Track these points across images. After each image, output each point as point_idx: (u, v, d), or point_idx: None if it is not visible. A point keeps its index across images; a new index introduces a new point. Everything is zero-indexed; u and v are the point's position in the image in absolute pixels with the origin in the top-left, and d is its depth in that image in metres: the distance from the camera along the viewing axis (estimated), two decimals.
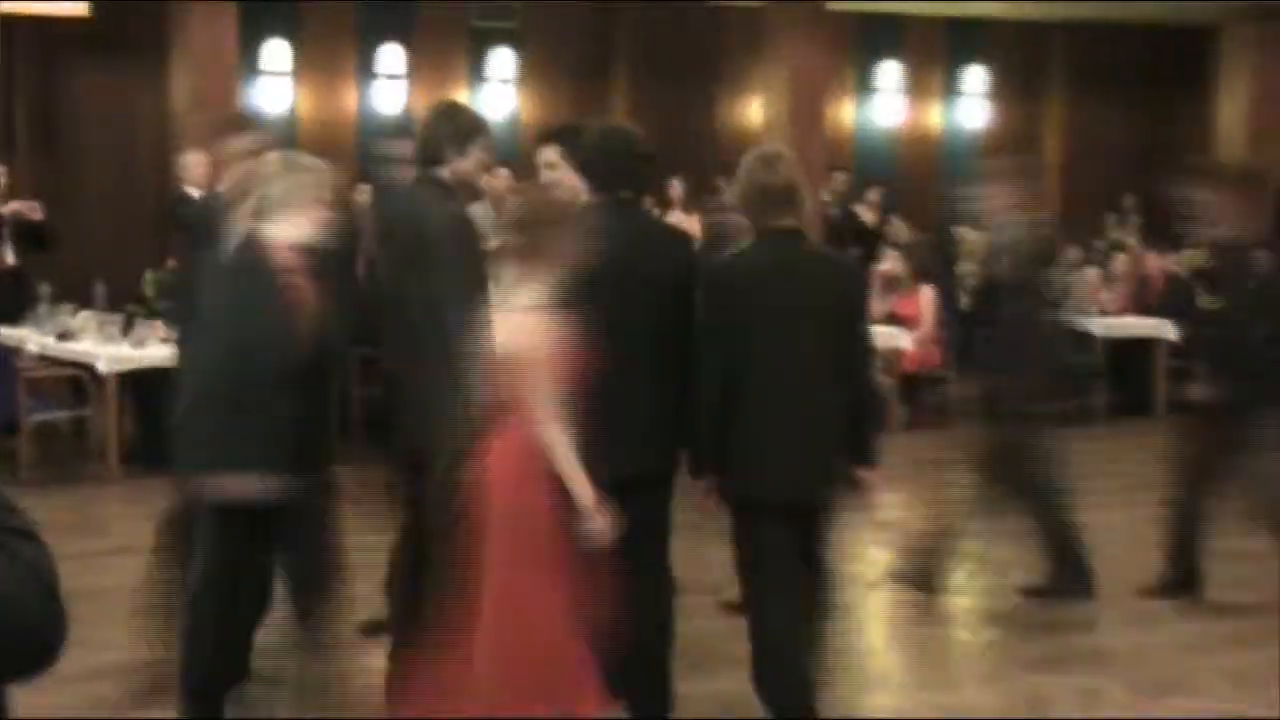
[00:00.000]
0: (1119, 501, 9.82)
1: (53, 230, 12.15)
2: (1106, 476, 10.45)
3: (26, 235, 11.95)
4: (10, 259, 11.83)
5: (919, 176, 17.70)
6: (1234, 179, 8.31)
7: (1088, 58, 18.56)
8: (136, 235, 13.34)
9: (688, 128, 15.32)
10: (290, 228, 5.35)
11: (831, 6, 15.51)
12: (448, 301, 5.33)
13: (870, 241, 13.80)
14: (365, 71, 15.60)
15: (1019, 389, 7.52)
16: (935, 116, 18.40)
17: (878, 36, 17.44)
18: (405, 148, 7.03)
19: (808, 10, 15.28)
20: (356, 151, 14.54)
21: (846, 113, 17.60)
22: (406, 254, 5.65)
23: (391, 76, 15.60)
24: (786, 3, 15.27)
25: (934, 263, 13.07)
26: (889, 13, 17.23)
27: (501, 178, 8.94)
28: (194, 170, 8.74)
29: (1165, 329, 13.95)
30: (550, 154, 6.09)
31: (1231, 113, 16.77)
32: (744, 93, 17.00)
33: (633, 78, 16.75)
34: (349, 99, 15.64)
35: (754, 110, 16.64)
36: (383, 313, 5.90)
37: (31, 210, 12.00)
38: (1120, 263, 14.82)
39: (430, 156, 5.74)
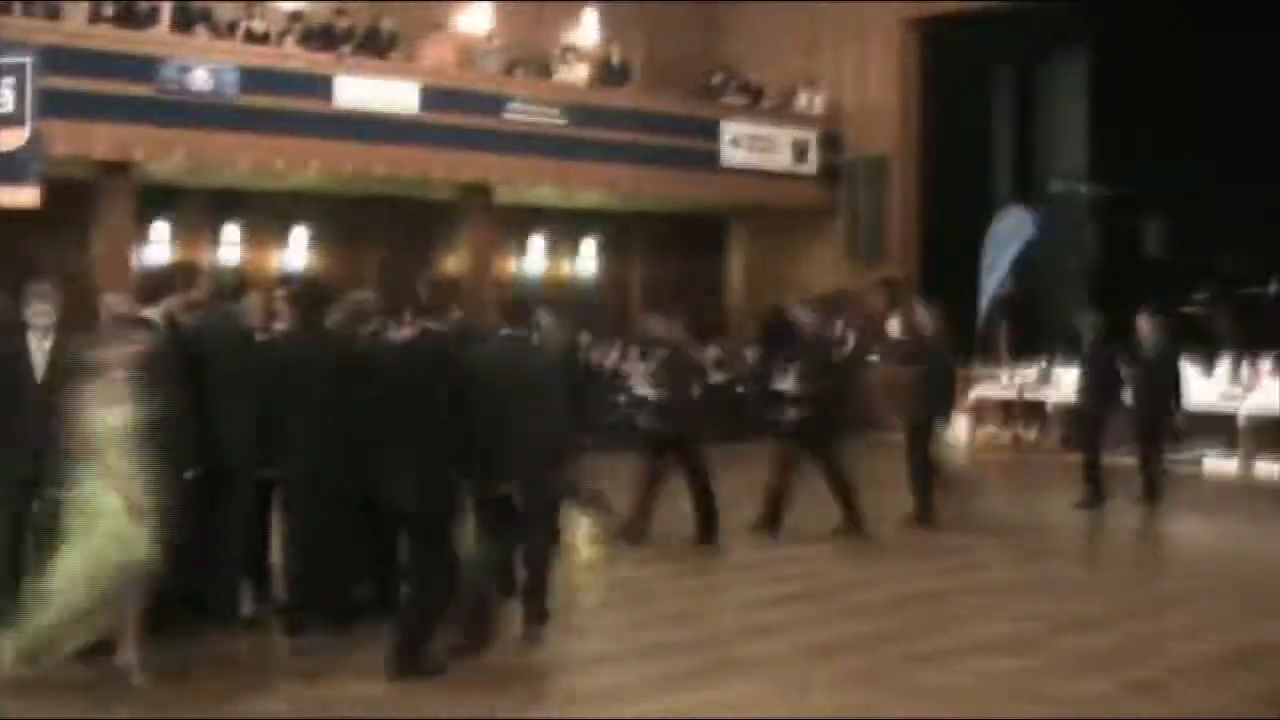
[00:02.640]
0: None
1: None
2: None
3: None
4: None
5: (558, 304, 23.04)
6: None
7: (655, 233, 24.36)
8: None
9: (414, 276, 15.95)
10: None
11: (497, 202, 20.88)
12: None
13: None
14: (214, 240, 20.39)
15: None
16: (566, 268, 23.78)
17: (527, 219, 22.79)
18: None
19: (482, 203, 20.67)
20: None
21: (510, 265, 22.87)
22: None
23: (230, 244, 20.46)
24: (469, 199, 20.57)
25: None
26: (533, 204, 22.28)
27: None
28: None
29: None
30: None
31: (737, 266, 23.98)
32: (448, 251, 21.68)
33: (386, 247, 21.32)
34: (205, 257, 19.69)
35: (452, 262, 21.28)
36: None
37: None
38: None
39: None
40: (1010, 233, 22.10)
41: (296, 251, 21.25)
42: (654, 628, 9.24)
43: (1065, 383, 19.69)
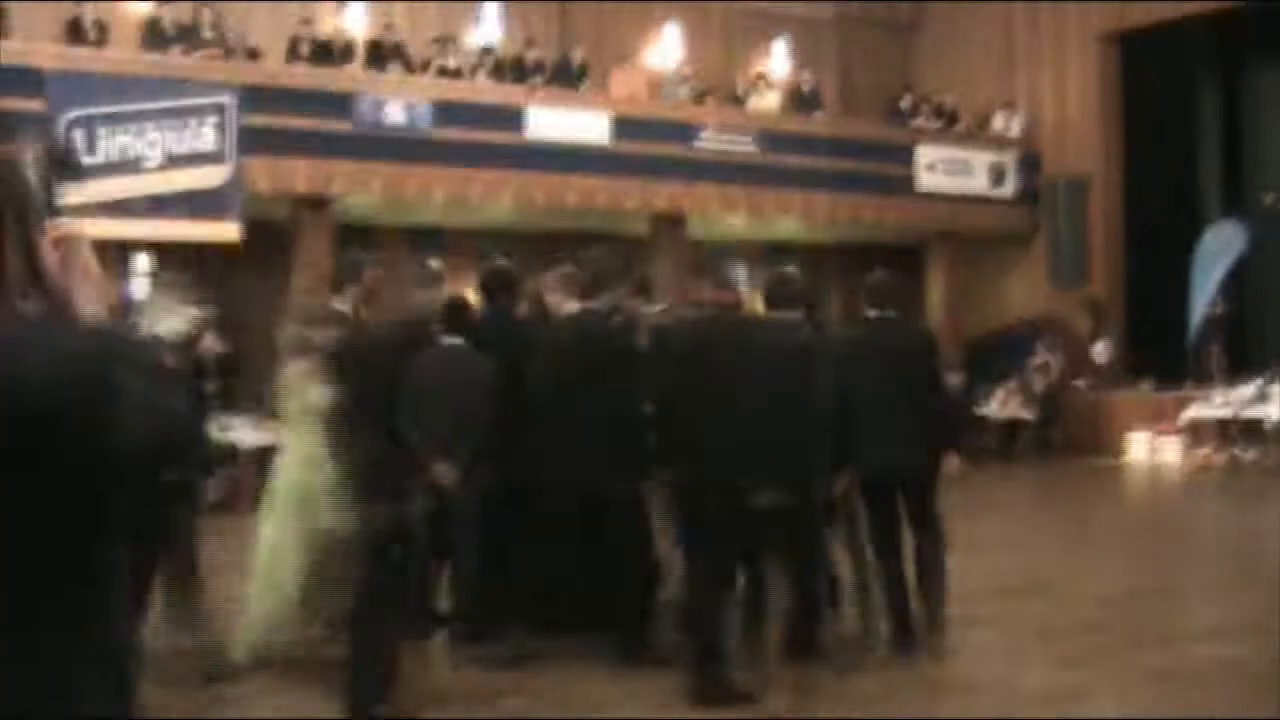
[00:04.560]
0: None
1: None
2: None
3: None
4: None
5: None
6: None
7: (852, 264, 22.65)
8: None
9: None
10: None
11: (690, 235, 20.68)
12: None
13: None
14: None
15: None
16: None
17: (726, 252, 21.22)
18: None
19: (675, 236, 20.35)
20: None
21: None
22: None
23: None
24: (663, 232, 20.26)
25: None
26: (727, 237, 22.26)
27: None
28: None
29: None
30: None
31: (936, 292, 23.14)
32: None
33: None
34: None
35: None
36: None
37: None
38: None
39: None
40: (1221, 249, 21.43)
41: None
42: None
43: None
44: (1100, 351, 22.30)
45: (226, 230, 16.50)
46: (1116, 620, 8.88)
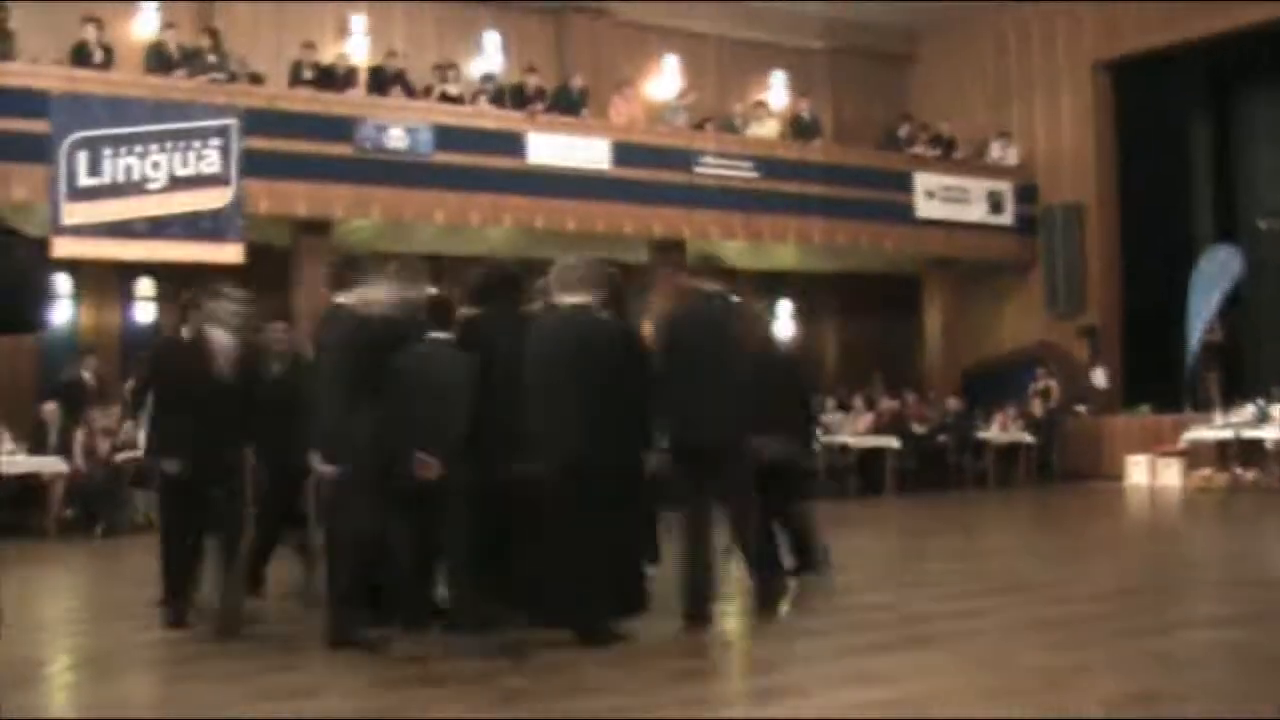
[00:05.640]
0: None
1: None
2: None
3: None
4: None
5: None
6: None
7: (850, 292, 24.20)
8: None
9: None
10: None
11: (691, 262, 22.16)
12: None
13: None
14: None
15: None
16: None
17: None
18: None
19: (676, 263, 19.01)
20: None
21: None
22: None
23: None
24: (663, 261, 19.68)
25: None
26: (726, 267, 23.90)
27: None
28: None
29: (891, 441, 20.16)
30: None
31: (934, 319, 23.19)
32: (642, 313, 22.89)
33: None
34: None
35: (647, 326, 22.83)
36: None
37: None
38: (860, 406, 20.96)
39: None
40: (1217, 274, 21.50)
41: None
42: (858, 611, 9.01)
43: None
44: (1098, 377, 22.36)
45: (228, 252, 16.56)
46: (1112, 612, 8.87)
